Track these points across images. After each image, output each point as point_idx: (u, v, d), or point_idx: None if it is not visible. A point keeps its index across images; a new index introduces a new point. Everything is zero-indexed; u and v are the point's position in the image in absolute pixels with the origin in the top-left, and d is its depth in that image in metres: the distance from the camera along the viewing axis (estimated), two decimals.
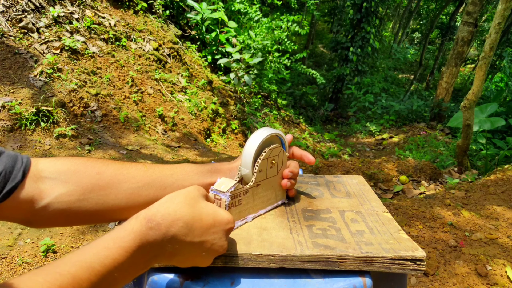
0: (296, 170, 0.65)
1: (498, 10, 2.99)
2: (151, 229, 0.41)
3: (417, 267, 0.52)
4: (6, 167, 0.47)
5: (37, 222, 0.52)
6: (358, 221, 0.63)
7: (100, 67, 3.42)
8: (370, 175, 3.28)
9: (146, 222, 0.41)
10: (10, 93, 2.63)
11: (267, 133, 0.59)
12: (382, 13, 10.34)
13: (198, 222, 0.45)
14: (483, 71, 3.16)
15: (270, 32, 6.23)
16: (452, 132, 6.26)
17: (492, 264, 1.66)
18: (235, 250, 0.52)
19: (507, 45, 9.94)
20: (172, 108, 3.85)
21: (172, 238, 0.42)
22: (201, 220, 0.45)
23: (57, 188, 0.51)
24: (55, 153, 2.49)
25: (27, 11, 3.15)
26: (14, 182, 0.48)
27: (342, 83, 9.42)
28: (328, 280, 0.52)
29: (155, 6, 4.71)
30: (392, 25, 18.59)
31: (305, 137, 6.05)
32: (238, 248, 0.52)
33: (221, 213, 0.48)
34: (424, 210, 2.22)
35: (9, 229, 1.72)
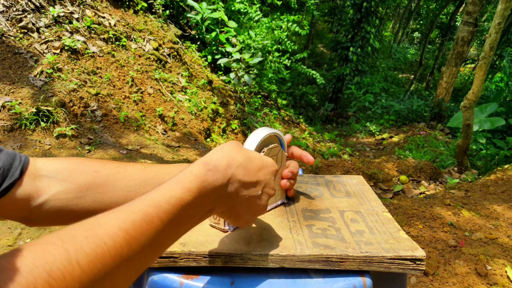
0: (295, 170, 0.65)
1: (498, 10, 2.99)
2: (210, 171, 0.43)
3: (417, 266, 0.52)
4: (4, 165, 0.48)
5: (34, 220, 0.52)
6: (358, 221, 0.63)
7: (100, 67, 3.42)
8: (370, 175, 3.28)
9: (204, 165, 0.43)
10: (10, 93, 2.63)
11: (265, 132, 0.59)
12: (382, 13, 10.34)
13: (250, 163, 0.48)
14: (483, 71, 3.16)
15: (270, 32, 6.23)
16: (452, 132, 6.26)
17: (492, 264, 1.66)
18: (235, 250, 0.52)
19: (507, 45, 9.93)
20: (172, 108, 3.85)
21: (231, 178, 0.44)
22: (252, 161, 0.48)
23: (54, 186, 0.51)
24: (55, 153, 2.49)
25: (27, 11, 3.15)
26: (11, 180, 0.48)
27: (342, 83, 9.41)
28: (328, 279, 0.52)
29: (155, 6, 4.71)
30: (392, 25, 18.58)
31: (305, 137, 6.05)
32: (238, 248, 0.52)
33: (265, 157, 0.52)
34: (424, 210, 2.22)
35: (9, 229, 1.72)
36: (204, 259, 0.51)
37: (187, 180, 0.41)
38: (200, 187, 0.41)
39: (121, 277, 0.33)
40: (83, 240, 0.30)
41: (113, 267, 0.31)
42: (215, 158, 0.45)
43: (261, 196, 0.49)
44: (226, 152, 0.46)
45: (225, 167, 0.44)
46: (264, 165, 0.50)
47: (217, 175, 0.43)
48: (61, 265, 0.28)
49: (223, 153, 0.46)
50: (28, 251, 0.28)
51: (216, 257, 0.51)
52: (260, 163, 0.49)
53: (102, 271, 0.30)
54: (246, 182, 0.46)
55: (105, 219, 0.34)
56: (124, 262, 0.33)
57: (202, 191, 0.42)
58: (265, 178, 0.49)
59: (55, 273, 0.27)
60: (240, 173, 0.46)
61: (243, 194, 0.47)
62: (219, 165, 0.44)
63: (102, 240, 0.31)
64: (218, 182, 0.43)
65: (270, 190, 0.50)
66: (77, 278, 0.28)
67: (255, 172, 0.48)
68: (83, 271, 0.29)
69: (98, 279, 0.30)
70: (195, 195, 0.41)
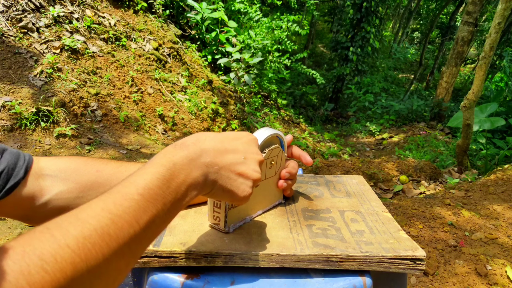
0: (294, 170, 0.65)
1: (498, 9, 2.99)
2: (177, 148, 0.43)
3: (417, 266, 0.52)
4: (9, 164, 0.48)
5: (36, 219, 0.52)
6: (358, 220, 0.63)
7: (100, 67, 3.42)
8: (370, 175, 3.28)
9: (172, 146, 0.44)
10: (10, 93, 2.63)
11: (268, 133, 0.59)
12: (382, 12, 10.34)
13: (222, 135, 0.48)
14: (483, 70, 3.16)
15: (270, 32, 6.23)
16: (452, 132, 6.26)
17: (492, 264, 1.67)
18: (235, 250, 0.52)
19: (507, 44, 9.93)
20: (172, 108, 3.85)
21: (204, 148, 0.44)
22: (225, 134, 0.49)
23: (57, 186, 0.51)
24: (55, 152, 2.49)
25: (27, 10, 3.15)
26: (16, 179, 0.48)
27: (342, 82, 9.42)
28: (328, 279, 0.52)
29: (155, 5, 4.71)
30: (392, 25, 18.58)
31: (305, 137, 6.05)
32: (238, 248, 0.52)
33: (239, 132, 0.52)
34: (424, 210, 2.22)
35: (9, 229, 1.72)
36: (204, 258, 0.51)
37: (157, 157, 0.42)
38: (171, 159, 0.41)
39: (116, 259, 0.33)
40: (68, 225, 0.31)
41: (103, 245, 0.31)
42: (182, 139, 0.46)
43: (246, 161, 0.47)
44: (194, 134, 0.47)
45: (193, 142, 0.45)
46: (239, 136, 0.50)
47: (186, 150, 0.43)
48: (51, 248, 0.28)
49: (191, 136, 0.47)
50: (16, 242, 0.28)
51: (216, 257, 0.51)
52: (234, 135, 0.49)
53: (94, 251, 0.30)
54: (221, 150, 0.46)
55: (87, 205, 0.34)
56: (114, 241, 0.33)
57: (177, 163, 0.42)
58: (243, 146, 0.49)
59: (46, 257, 0.27)
60: (211, 144, 0.46)
61: (224, 161, 0.46)
62: (187, 141, 0.45)
63: (87, 222, 0.31)
64: (190, 155, 0.43)
65: (254, 155, 0.49)
66: (69, 259, 0.28)
67: (229, 141, 0.48)
68: (73, 252, 0.29)
69: (90, 259, 0.30)
70: (169, 168, 0.40)
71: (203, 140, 0.45)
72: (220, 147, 0.46)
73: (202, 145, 0.45)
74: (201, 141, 0.45)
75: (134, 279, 0.66)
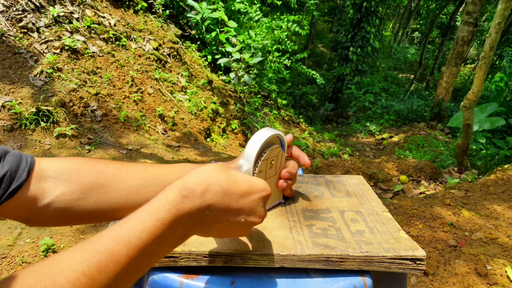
0: (293, 170, 0.65)
1: (498, 9, 2.99)
2: (186, 197, 0.39)
3: (417, 266, 0.52)
4: (11, 166, 0.48)
5: (37, 220, 0.52)
6: (358, 220, 0.63)
7: (100, 67, 3.42)
8: (370, 174, 3.28)
9: (180, 190, 0.40)
10: (10, 93, 2.63)
11: (269, 134, 0.59)
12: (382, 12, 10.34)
13: (234, 186, 0.43)
14: (483, 70, 3.16)
15: (270, 32, 6.23)
16: (452, 131, 6.26)
17: (492, 264, 1.67)
18: (235, 250, 0.52)
19: (507, 44, 9.93)
20: (172, 108, 3.85)
21: (210, 204, 0.41)
22: (237, 183, 0.43)
23: (58, 187, 0.51)
24: (55, 152, 2.49)
25: (27, 10, 3.15)
26: (19, 181, 0.48)
27: (342, 82, 9.42)
28: (328, 279, 0.52)
29: (155, 5, 4.71)
30: (392, 25, 18.58)
31: (305, 137, 6.05)
32: (238, 248, 0.52)
33: (255, 179, 0.46)
34: (424, 210, 2.22)
35: (9, 229, 1.72)
36: (205, 258, 0.51)
37: (161, 209, 0.38)
38: (174, 216, 0.38)
39: None
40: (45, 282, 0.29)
41: None
42: (193, 181, 0.41)
43: (243, 225, 0.44)
44: (206, 174, 0.42)
45: (202, 192, 0.40)
46: (252, 190, 0.44)
47: (193, 202, 0.40)
48: None
49: (203, 175, 0.42)
50: None
51: (216, 256, 0.51)
52: (247, 186, 0.44)
53: None
54: (226, 210, 0.42)
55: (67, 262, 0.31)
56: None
57: (176, 220, 0.39)
58: (251, 205, 0.44)
59: None
60: (220, 199, 0.41)
61: (222, 221, 0.43)
62: (196, 190, 0.40)
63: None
64: (195, 209, 0.40)
65: (255, 219, 0.45)
66: None
67: (237, 197, 0.43)
68: None
69: None
70: (168, 226, 0.38)
71: (213, 191, 0.41)
72: (225, 204, 0.42)
73: (210, 198, 0.41)
74: (210, 191, 0.41)
75: None
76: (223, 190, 0.42)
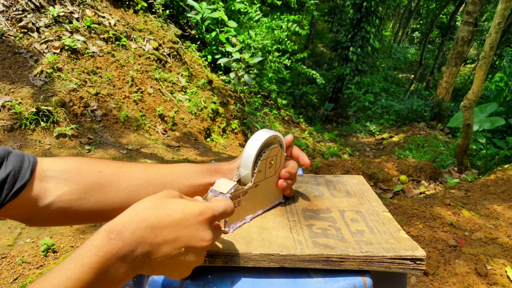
0: (293, 170, 0.65)
1: (498, 9, 2.99)
2: (112, 240, 0.38)
3: (417, 266, 0.52)
4: (15, 166, 0.48)
5: (38, 220, 0.52)
6: (358, 220, 0.63)
7: (100, 67, 3.42)
8: (370, 174, 3.28)
9: (107, 234, 0.39)
10: (10, 93, 2.63)
11: (267, 135, 0.59)
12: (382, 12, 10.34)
13: (165, 219, 0.41)
14: (483, 70, 3.16)
15: (270, 31, 6.23)
16: (452, 131, 6.26)
17: (492, 264, 1.67)
18: (235, 250, 0.52)
19: (507, 44, 9.93)
20: (172, 108, 3.85)
21: (140, 242, 0.39)
22: (168, 216, 0.41)
23: (60, 187, 0.51)
24: (55, 152, 2.49)
25: (27, 10, 3.15)
26: (23, 181, 0.48)
27: (342, 82, 9.42)
28: (328, 279, 0.52)
29: (155, 5, 4.71)
30: (392, 25, 18.59)
31: (305, 137, 6.05)
32: (238, 248, 0.52)
33: (190, 205, 0.43)
34: (424, 210, 2.22)
35: (9, 229, 1.72)
36: (205, 258, 0.51)
37: (86, 254, 0.37)
38: (102, 259, 0.37)
39: None
40: None
41: None
42: (121, 223, 0.40)
43: (186, 251, 0.42)
44: (136, 212, 0.41)
45: (131, 232, 0.39)
46: (186, 216, 0.42)
47: (121, 243, 0.38)
48: None
49: (132, 215, 0.41)
50: None
51: (216, 256, 0.51)
52: (179, 215, 0.42)
53: None
54: (159, 243, 0.40)
55: None
56: None
57: (105, 263, 0.37)
58: (188, 232, 0.42)
59: None
60: (150, 234, 0.40)
61: (159, 255, 0.41)
62: (124, 231, 0.39)
63: None
64: (124, 250, 0.38)
65: (199, 242, 0.43)
66: None
67: (171, 228, 0.41)
68: None
69: None
70: (96, 270, 0.36)
71: (142, 228, 0.40)
72: (158, 237, 0.40)
73: (139, 235, 0.39)
74: (139, 229, 0.39)
75: (134, 279, 0.66)
76: (152, 225, 0.40)
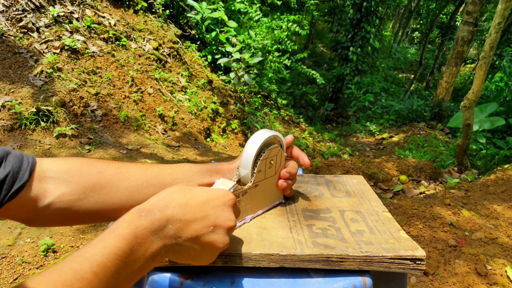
0: (293, 170, 0.65)
1: (498, 9, 2.99)
2: (142, 217, 0.40)
3: (417, 266, 0.52)
4: (13, 167, 0.48)
5: (38, 221, 0.52)
6: (358, 220, 0.63)
7: (100, 67, 3.42)
8: (370, 174, 3.28)
9: (137, 212, 0.41)
10: (10, 93, 2.63)
11: (267, 135, 0.59)
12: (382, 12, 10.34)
13: (192, 199, 0.44)
14: (483, 70, 3.16)
15: (270, 31, 6.23)
16: (452, 131, 6.26)
17: (492, 264, 1.67)
18: (235, 250, 0.52)
19: (507, 44, 9.93)
20: (172, 108, 3.85)
21: (169, 218, 0.42)
22: (195, 197, 0.45)
23: (59, 187, 0.51)
24: (55, 152, 2.49)
25: (27, 10, 3.15)
26: (21, 182, 0.48)
27: (342, 82, 9.42)
28: (328, 279, 0.52)
29: (155, 5, 4.71)
30: (392, 25, 18.58)
31: (305, 137, 6.05)
32: (238, 248, 0.52)
33: (214, 189, 0.48)
34: (424, 210, 2.22)
35: (9, 229, 1.72)
36: None
37: (119, 227, 0.39)
38: (134, 232, 0.39)
39: None
40: None
41: None
42: (150, 203, 0.43)
43: (215, 230, 0.45)
44: (164, 194, 0.44)
45: (160, 209, 0.42)
46: (212, 197, 0.46)
47: (151, 218, 0.41)
48: None
49: (161, 196, 0.44)
50: None
51: (216, 256, 0.51)
52: (206, 197, 0.46)
53: None
54: (188, 219, 0.43)
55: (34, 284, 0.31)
56: None
57: (138, 236, 0.39)
58: (215, 211, 0.45)
59: None
60: (179, 211, 0.42)
61: (189, 233, 0.43)
62: (154, 209, 0.42)
63: None
64: (155, 225, 0.40)
65: (226, 222, 0.46)
66: None
67: (199, 207, 0.44)
68: None
69: None
70: (130, 241, 0.38)
71: (171, 207, 0.42)
72: (188, 215, 0.43)
73: (169, 212, 0.42)
74: (169, 208, 0.42)
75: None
76: (181, 204, 0.43)
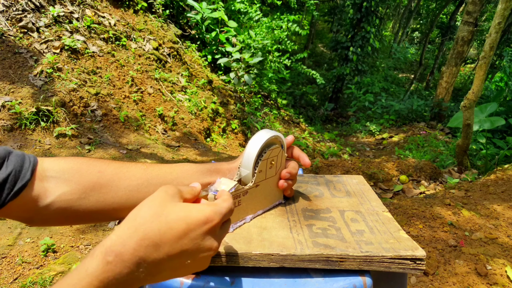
0: (294, 171, 0.65)
1: (498, 9, 2.99)
2: (110, 264, 0.35)
3: (417, 266, 0.52)
4: (15, 166, 0.48)
5: (39, 220, 0.52)
6: (358, 220, 0.63)
7: (100, 67, 3.42)
8: (370, 174, 3.28)
9: (103, 256, 0.35)
10: (10, 93, 2.63)
11: (269, 135, 0.59)
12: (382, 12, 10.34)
13: (168, 234, 0.38)
14: (483, 70, 3.16)
15: (270, 31, 6.23)
16: (452, 131, 6.26)
17: (492, 264, 1.67)
18: (235, 250, 0.52)
19: (507, 44, 9.93)
20: (172, 108, 3.85)
21: (141, 262, 0.36)
22: (171, 229, 0.38)
23: (60, 187, 0.51)
24: (55, 152, 2.49)
25: (27, 10, 3.15)
26: (23, 181, 0.48)
27: (342, 82, 9.42)
28: (328, 279, 0.52)
29: (155, 5, 4.71)
30: (392, 25, 18.58)
31: (305, 137, 6.05)
32: (238, 248, 0.52)
33: (194, 213, 0.39)
34: (424, 210, 2.22)
35: (9, 229, 1.72)
36: None
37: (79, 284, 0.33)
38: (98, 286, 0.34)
39: None
40: None
41: None
42: (119, 241, 0.36)
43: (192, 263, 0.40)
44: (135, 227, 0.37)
45: (131, 253, 0.36)
46: (190, 227, 0.39)
47: (120, 266, 0.35)
48: None
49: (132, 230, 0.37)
50: None
51: (216, 257, 0.51)
52: (183, 227, 0.38)
53: None
54: (164, 259, 0.38)
55: None
56: None
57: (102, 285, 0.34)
58: (194, 244, 0.39)
59: None
60: (152, 252, 0.37)
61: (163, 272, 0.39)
62: (124, 253, 0.35)
63: None
64: (123, 273, 0.35)
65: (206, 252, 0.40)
66: None
67: (175, 244, 0.38)
68: None
69: None
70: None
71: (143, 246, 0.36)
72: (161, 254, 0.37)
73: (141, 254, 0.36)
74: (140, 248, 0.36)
75: None
76: (154, 243, 0.37)
